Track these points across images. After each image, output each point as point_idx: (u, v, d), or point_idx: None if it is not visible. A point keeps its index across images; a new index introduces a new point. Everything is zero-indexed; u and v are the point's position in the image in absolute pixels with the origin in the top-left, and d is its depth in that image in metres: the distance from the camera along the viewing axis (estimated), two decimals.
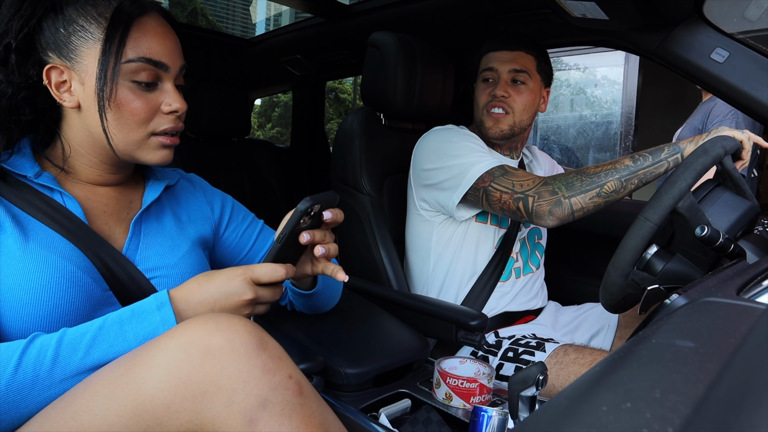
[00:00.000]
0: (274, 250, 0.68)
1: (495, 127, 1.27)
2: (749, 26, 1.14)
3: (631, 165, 1.05)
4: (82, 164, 0.75)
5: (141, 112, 0.71)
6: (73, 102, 0.70)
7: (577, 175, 1.07)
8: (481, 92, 1.30)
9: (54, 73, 0.69)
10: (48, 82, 0.69)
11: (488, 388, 0.96)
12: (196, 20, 12.98)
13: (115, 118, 0.70)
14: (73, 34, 0.68)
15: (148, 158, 0.75)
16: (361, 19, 1.76)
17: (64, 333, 0.60)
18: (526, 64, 1.26)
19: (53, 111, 0.72)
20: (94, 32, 0.68)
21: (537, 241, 1.39)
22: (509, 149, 1.34)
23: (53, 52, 0.69)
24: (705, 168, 0.86)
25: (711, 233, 0.77)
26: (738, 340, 0.34)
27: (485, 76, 1.29)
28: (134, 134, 0.72)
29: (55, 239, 0.68)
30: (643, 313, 0.88)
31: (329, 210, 0.73)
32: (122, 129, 0.71)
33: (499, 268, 1.26)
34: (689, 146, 1.05)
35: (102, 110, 0.69)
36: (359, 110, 1.41)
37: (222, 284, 0.66)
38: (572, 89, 5.02)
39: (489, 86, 1.28)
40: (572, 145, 4.91)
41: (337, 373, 0.94)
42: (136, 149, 0.73)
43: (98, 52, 0.67)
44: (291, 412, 0.54)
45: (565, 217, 1.06)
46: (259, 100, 12.55)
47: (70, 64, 0.68)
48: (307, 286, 0.90)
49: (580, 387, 0.30)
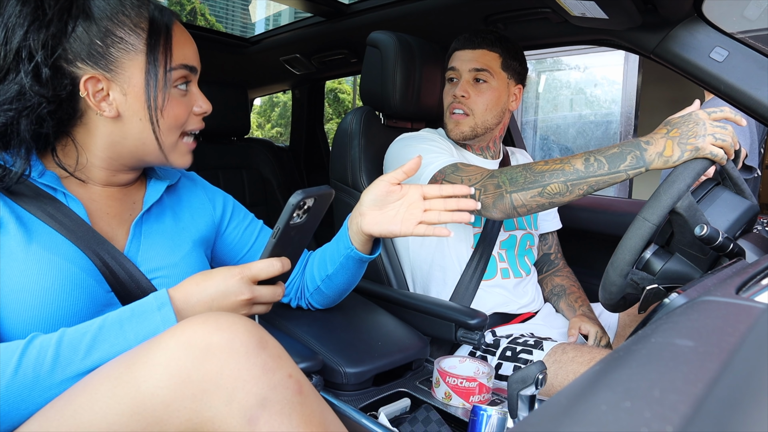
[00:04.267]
0: (270, 245, 0.68)
1: (456, 129, 1.27)
2: (749, 25, 1.14)
3: (582, 169, 0.94)
4: (97, 167, 0.74)
5: (183, 115, 0.74)
6: (113, 112, 0.70)
7: (524, 170, 1.01)
8: (446, 93, 1.31)
9: (91, 83, 0.68)
10: (87, 94, 0.68)
11: (488, 388, 0.96)
12: (196, 19, 12.98)
13: (163, 124, 0.72)
14: (111, 45, 0.68)
15: (178, 161, 0.78)
16: (361, 19, 1.76)
17: (63, 333, 0.60)
18: (489, 63, 1.24)
19: (71, 119, 0.71)
20: (135, 43, 0.69)
21: (528, 247, 1.38)
22: (480, 149, 1.34)
23: (87, 63, 0.68)
24: (704, 168, 0.86)
25: (710, 232, 0.78)
26: (737, 339, 0.34)
27: (449, 76, 1.30)
28: (173, 137, 0.75)
29: (57, 241, 0.68)
30: (642, 312, 0.88)
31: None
32: (167, 134, 0.74)
33: (480, 266, 1.25)
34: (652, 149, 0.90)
35: (153, 119, 0.71)
36: (358, 110, 1.41)
37: (219, 283, 0.66)
38: (572, 89, 5.02)
39: (453, 86, 1.28)
40: (572, 145, 4.91)
41: (337, 372, 0.94)
42: (172, 152, 0.76)
43: (143, 62, 0.69)
44: (291, 411, 0.54)
45: (508, 211, 1.01)
46: (258, 100, 12.55)
47: (111, 75, 0.69)
48: (369, 250, 0.92)
49: (580, 386, 0.30)
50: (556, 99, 5.09)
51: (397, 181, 0.86)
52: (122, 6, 0.69)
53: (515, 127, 1.85)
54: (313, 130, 2.70)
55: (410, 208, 0.85)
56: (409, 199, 0.86)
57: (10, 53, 0.65)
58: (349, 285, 1.00)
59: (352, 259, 0.92)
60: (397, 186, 0.86)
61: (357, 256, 0.92)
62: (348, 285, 0.99)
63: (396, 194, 0.86)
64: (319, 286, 0.99)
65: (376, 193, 0.86)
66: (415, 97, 1.40)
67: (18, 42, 0.65)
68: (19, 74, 0.65)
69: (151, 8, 0.71)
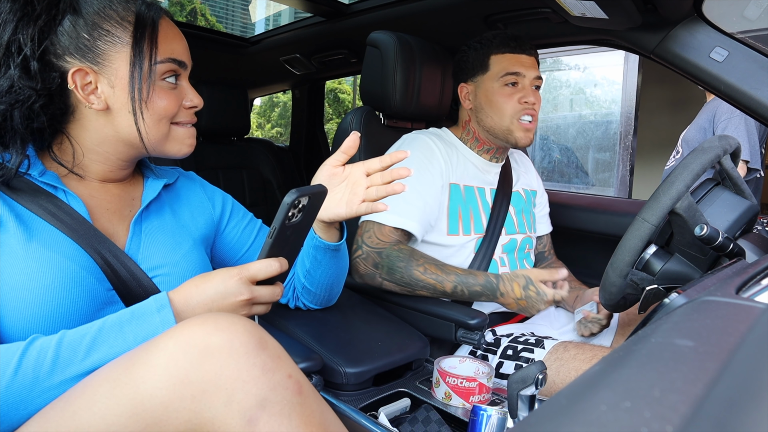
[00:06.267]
0: (267, 246, 0.68)
1: (526, 138, 1.25)
2: (749, 25, 1.14)
3: (449, 293, 1.12)
4: (94, 162, 0.75)
5: (171, 108, 0.75)
6: (101, 104, 0.71)
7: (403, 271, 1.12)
8: (506, 97, 1.24)
9: (79, 76, 0.69)
10: (75, 86, 0.70)
11: (488, 387, 0.96)
12: (196, 19, 12.99)
13: (148, 116, 0.73)
14: (99, 38, 0.69)
15: (176, 150, 0.79)
16: (361, 18, 1.76)
17: (63, 335, 0.60)
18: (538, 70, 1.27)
19: (64, 115, 0.73)
20: (121, 36, 0.70)
21: (528, 251, 1.38)
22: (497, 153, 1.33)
23: (75, 57, 0.69)
24: (704, 168, 0.86)
25: (710, 232, 0.78)
26: (737, 339, 0.34)
27: (510, 80, 1.23)
28: (163, 128, 0.76)
29: (58, 239, 0.68)
30: (642, 312, 0.88)
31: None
32: (153, 126, 0.74)
33: (482, 269, 1.25)
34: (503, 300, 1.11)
35: (137, 111, 0.71)
36: (358, 109, 1.41)
37: (218, 285, 0.66)
38: (572, 89, 5.02)
39: (516, 91, 1.24)
40: (572, 145, 4.91)
41: (337, 372, 0.94)
42: (165, 142, 0.77)
43: (128, 55, 0.70)
44: (290, 412, 0.54)
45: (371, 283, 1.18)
46: (258, 100, 12.55)
47: (98, 67, 0.70)
48: (334, 237, 0.91)
49: (580, 386, 0.30)
50: (556, 99, 5.09)
51: (339, 163, 0.85)
52: (109, 0, 0.71)
53: None
54: (313, 130, 2.70)
55: (354, 188, 0.85)
56: (352, 178, 0.85)
57: (1, 48, 0.66)
58: (332, 280, 0.98)
59: (321, 249, 0.91)
60: (340, 168, 0.86)
61: (323, 245, 0.91)
62: (331, 280, 0.98)
63: (339, 176, 0.86)
64: (304, 284, 0.99)
65: (320, 179, 0.86)
66: (415, 97, 1.40)
67: (8, 37, 0.66)
68: (9, 69, 0.66)
69: (139, 3, 0.73)
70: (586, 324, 1.21)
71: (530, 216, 1.40)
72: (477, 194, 1.29)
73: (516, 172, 1.40)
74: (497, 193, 1.32)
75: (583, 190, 4.77)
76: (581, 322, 1.22)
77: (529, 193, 1.42)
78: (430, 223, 1.20)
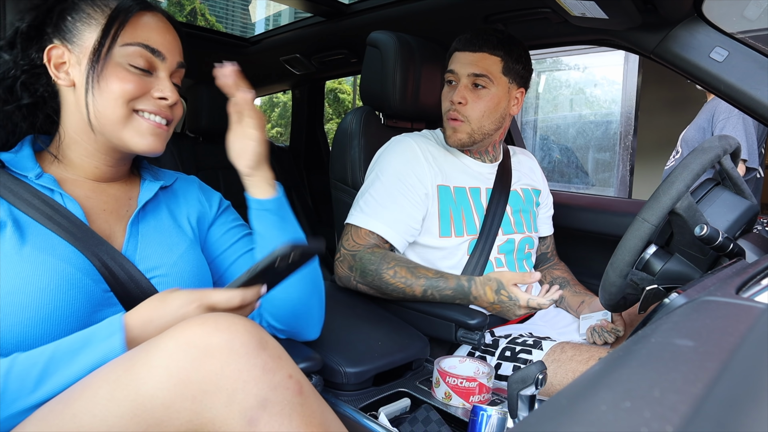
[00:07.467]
0: (241, 279, 0.65)
1: (453, 137, 1.25)
2: (749, 25, 1.14)
3: (419, 296, 1.13)
4: (79, 155, 0.76)
5: (130, 91, 0.73)
6: (68, 81, 0.73)
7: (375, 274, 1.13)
8: (444, 96, 1.27)
9: (54, 53, 0.73)
10: (48, 61, 0.72)
11: (488, 388, 0.96)
12: (196, 19, 12.98)
13: (99, 93, 0.72)
14: (78, 20, 0.73)
15: (135, 142, 0.75)
16: (361, 18, 1.76)
17: (13, 361, 0.57)
18: (489, 67, 1.20)
19: (53, 100, 0.75)
20: (98, 18, 0.72)
21: (527, 251, 1.37)
22: (478, 153, 1.33)
23: (57, 37, 0.73)
24: (703, 168, 0.86)
25: (710, 232, 0.78)
26: (737, 339, 0.34)
27: (447, 78, 1.25)
28: (118, 110, 0.72)
29: (53, 241, 0.68)
30: (642, 312, 0.88)
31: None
32: (106, 106, 0.72)
33: (477, 270, 1.24)
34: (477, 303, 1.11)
35: (88, 85, 0.71)
36: (358, 109, 1.41)
37: (176, 310, 0.64)
38: (572, 89, 5.02)
39: (451, 90, 1.25)
40: (572, 145, 4.92)
41: (337, 372, 0.94)
42: (122, 129, 0.73)
43: (98, 34, 0.72)
44: (291, 412, 0.54)
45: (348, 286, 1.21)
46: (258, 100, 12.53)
47: (71, 46, 0.73)
48: (268, 194, 0.83)
49: (579, 386, 0.30)
50: (556, 99, 5.09)
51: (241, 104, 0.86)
52: None
53: (515, 128, 1.85)
54: (313, 130, 2.70)
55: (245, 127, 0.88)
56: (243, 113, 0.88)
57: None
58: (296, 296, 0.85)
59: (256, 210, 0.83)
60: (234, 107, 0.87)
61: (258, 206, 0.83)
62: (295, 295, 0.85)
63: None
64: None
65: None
66: (414, 97, 1.40)
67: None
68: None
69: None
70: (601, 333, 1.19)
71: (530, 215, 1.39)
72: (469, 195, 1.28)
73: (517, 171, 1.40)
74: (493, 193, 1.31)
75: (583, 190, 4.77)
76: (594, 330, 1.21)
77: (530, 192, 1.41)
78: (412, 227, 1.20)
